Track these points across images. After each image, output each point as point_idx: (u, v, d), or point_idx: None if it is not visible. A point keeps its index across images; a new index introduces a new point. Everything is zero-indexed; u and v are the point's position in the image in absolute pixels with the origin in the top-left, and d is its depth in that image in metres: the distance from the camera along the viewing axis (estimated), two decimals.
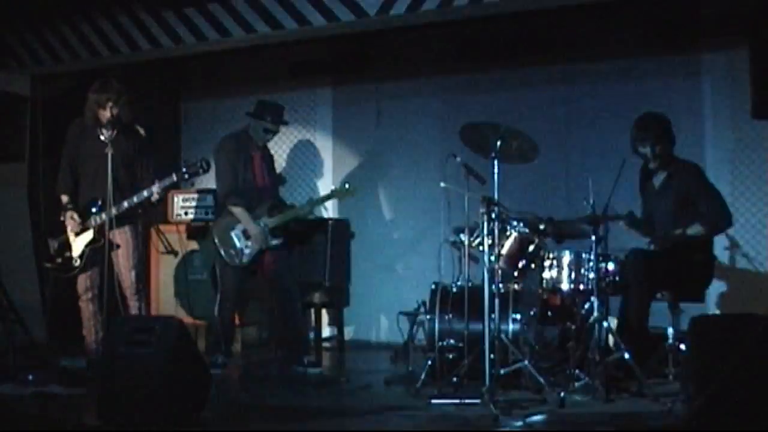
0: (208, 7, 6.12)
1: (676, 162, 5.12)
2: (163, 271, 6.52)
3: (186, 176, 5.28)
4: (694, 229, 4.95)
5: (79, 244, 5.34)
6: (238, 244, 5.54)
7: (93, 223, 5.29)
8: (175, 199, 6.85)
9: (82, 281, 5.38)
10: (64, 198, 5.43)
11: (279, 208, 5.70)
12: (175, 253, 6.00)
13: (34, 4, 6.56)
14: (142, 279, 5.50)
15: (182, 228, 6.46)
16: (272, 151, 6.11)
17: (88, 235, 5.31)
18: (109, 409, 3.94)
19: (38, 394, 4.66)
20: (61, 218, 5.39)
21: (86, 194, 5.36)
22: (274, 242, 5.58)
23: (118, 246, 5.30)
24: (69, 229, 5.36)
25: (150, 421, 3.79)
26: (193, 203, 6.81)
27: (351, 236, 6.88)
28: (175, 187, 5.75)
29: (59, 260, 5.40)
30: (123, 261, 5.34)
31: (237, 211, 5.55)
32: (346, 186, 5.83)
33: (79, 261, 5.33)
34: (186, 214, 6.83)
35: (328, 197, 5.96)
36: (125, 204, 5.21)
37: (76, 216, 5.32)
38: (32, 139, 6.79)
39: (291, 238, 5.77)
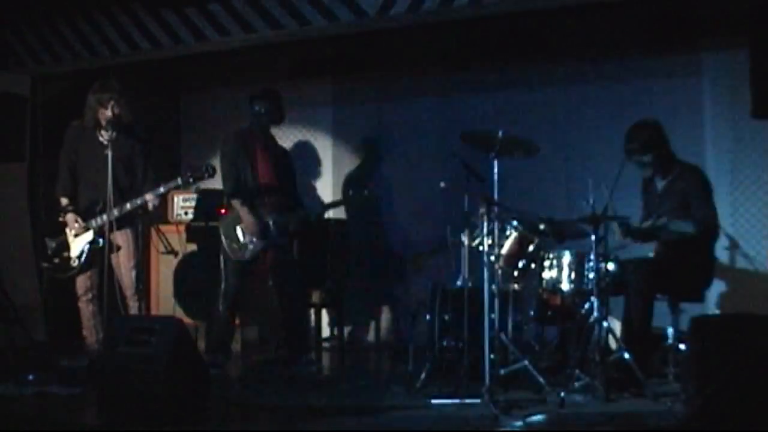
0: (208, 7, 6.11)
1: (679, 165, 5.09)
2: (164, 271, 6.52)
3: (191, 180, 5.29)
4: (682, 225, 4.91)
5: (78, 244, 5.36)
6: (242, 239, 5.53)
7: (93, 224, 5.30)
8: (175, 199, 6.84)
9: (82, 282, 5.41)
10: (64, 200, 5.44)
11: (288, 206, 5.69)
12: (175, 253, 5.99)
13: (34, 4, 6.56)
14: (142, 279, 5.52)
15: (182, 228, 6.46)
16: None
17: (88, 236, 5.33)
18: (109, 409, 3.94)
19: (38, 394, 4.67)
20: (60, 219, 5.40)
21: (87, 196, 5.38)
22: (278, 240, 5.57)
23: (118, 247, 5.31)
24: (70, 230, 5.37)
25: (150, 421, 3.79)
26: (194, 203, 6.81)
27: (351, 236, 6.88)
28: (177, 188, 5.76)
29: (56, 260, 5.41)
30: (123, 262, 5.37)
31: (237, 205, 5.55)
32: (366, 192, 5.77)
33: (77, 261, 5.35)
34: (186, 214, 6.83)
35: (342, 202, 5.89)
36: (125, 207, 5.22)
37: (79, 219, 5.34)
38: (32, 139, 6.79)
39: (292, 237, 5.76)
